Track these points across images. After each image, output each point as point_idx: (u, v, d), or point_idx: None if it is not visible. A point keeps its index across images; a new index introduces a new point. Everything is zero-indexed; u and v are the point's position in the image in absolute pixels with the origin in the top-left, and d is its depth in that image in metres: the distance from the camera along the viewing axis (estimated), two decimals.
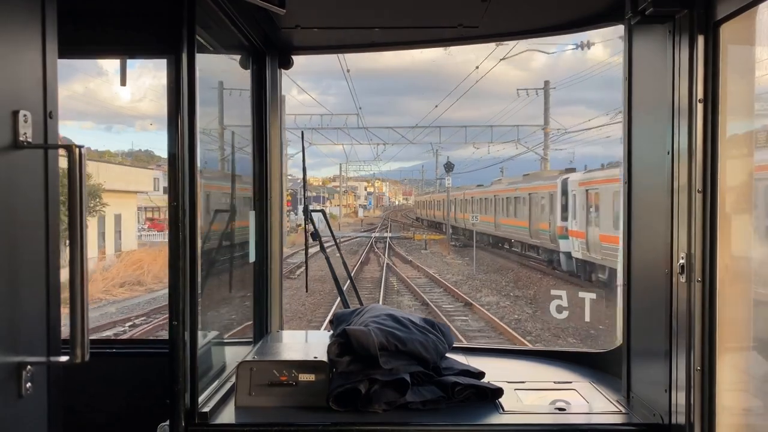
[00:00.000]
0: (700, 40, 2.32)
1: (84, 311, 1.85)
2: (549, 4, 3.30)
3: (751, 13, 2.20)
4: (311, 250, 4.26)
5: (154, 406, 2.66)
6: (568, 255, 27.40)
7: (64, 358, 1.85)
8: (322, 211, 4.61)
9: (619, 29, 3.02)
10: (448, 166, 48.29)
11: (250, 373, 2.83)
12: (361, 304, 3.83)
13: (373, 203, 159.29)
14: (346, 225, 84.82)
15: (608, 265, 22.71)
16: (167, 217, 2.57)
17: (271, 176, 3.83)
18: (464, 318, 18.95)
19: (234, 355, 3.28)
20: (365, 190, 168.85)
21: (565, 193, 28.52)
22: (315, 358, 2.90)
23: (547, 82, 40.21)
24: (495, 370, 3.15)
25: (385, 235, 58.74)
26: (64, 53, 1.96)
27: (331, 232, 4.24)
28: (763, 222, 2.46)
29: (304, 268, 4.36)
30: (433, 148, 55.64)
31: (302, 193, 4.67)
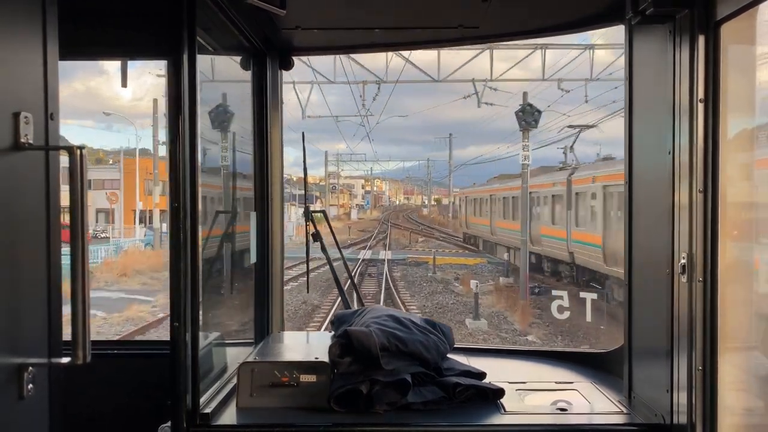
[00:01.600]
0: (701, 39, 2.32)
1: (85, 312, 1.85)
2: (549, 4, 3.30)
3: (752, 13, 2.20)
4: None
5: (155, 407, 2.66)
6: None
7: (65, 360, 1.86)
8: (323, 212, 4.61)
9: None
10: (529, 114, 22.66)
11: (252, 374, 2.83)
12: (362, 304, 3.83)
13: (371, 203, 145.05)
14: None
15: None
16: (169, 217, 2.57)
17: (272, 177, 3.84)
18: None
19: (235, 356, 3.28)
20: (362, 188, 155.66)
21: None
22: (316, 358, 2.90)
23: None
24: (496, 371, 3.15)
25: (381, 255, 35.48)
26: (64, 55, 1.96)
27: (332, 232, 4.24)
28: (764, 221, 2.46)
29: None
30: (475, 91, 26.95)
31: (304, 193, 4.68)
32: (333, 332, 3.28)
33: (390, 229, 64.94)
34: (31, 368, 1.75)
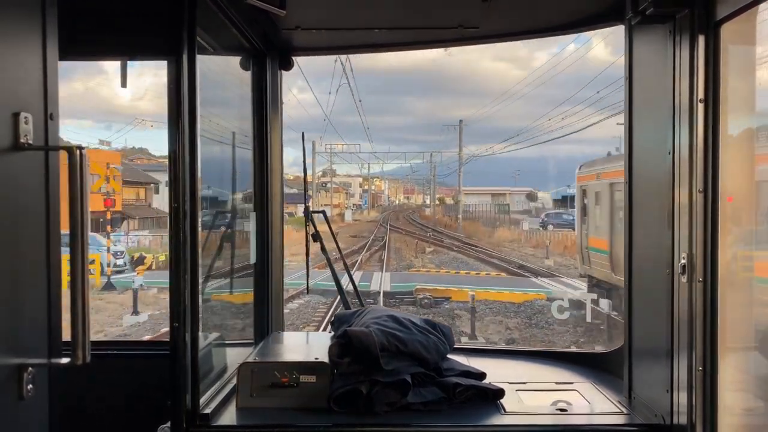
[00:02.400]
0: (701, 39, 2.32)
1: (85, 313, 1.85)
2: (549, 4, 3.30)
3: (752, 13, 2.21)
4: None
5: (155, 407, 2.66)
6: None
7: (65, 360, 1.86)
8: (323, 212, 4.61)
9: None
10: None
11: (251, 374, 2.83)
12: (362, 305, 3.83)
13: (369, 202, 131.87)
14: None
15: None
16: (169, 217, 2.57)
17: (272, 177, 3.84)
18: None
19: (235, 356, 3.28)
20: (360, 187, 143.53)
21: None
22: (316, 359, 2.90)
23: None
24: (496, 371, 3.15)
25: (375, 284, 21.66)
26: (64, 55, 1.96)
27: (332, 232, 4.24)
28: (764, 221, 2.46)
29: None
30: None
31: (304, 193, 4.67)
32: (333, 332, 3.28)
33: (389, 234, 50.42)
34: (30, 368, 1.75)
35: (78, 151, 1.83)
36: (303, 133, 4.23)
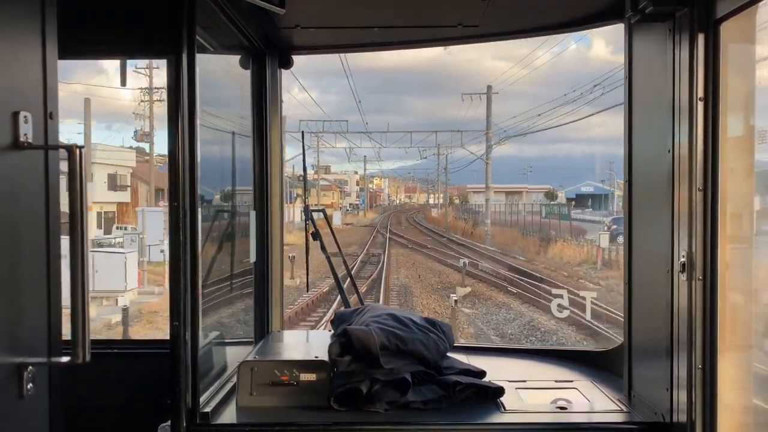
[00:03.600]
0: (701, 38, 2.32)
1: (85, 311, 1.85)
2: (549, 3, 3.30)
3: (752, 12, 2.21)
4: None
5: (155, 406, 2.66)
6: None
7: (65, 359, 1.86)
8: (323, 211, 4.62)
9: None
10: None
11: (251, 372, 2.83)
12: (361, 303, 3.83)
13: (366, 202, 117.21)
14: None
15: None
16: (169, 217, 2.57)
17: (272, 176, 3.84)
18: None
19: (235, 355, 3.28)
20: (357, 185, 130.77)
21: None
22: (316, 357, 2.90)
23: None
24: (496, 370, 3.15)
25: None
26: (64, 54, 1.96)
27: (332, 231, 4.24)
28: (763, 220, 2.46)
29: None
30: None
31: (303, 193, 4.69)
32: (333, 331, 3.28)
33: (389, 247, 35.69)
34: (30, 367, 1.75)
35: (78, 150, 1.83)
36: (302, 132, 4.24)
